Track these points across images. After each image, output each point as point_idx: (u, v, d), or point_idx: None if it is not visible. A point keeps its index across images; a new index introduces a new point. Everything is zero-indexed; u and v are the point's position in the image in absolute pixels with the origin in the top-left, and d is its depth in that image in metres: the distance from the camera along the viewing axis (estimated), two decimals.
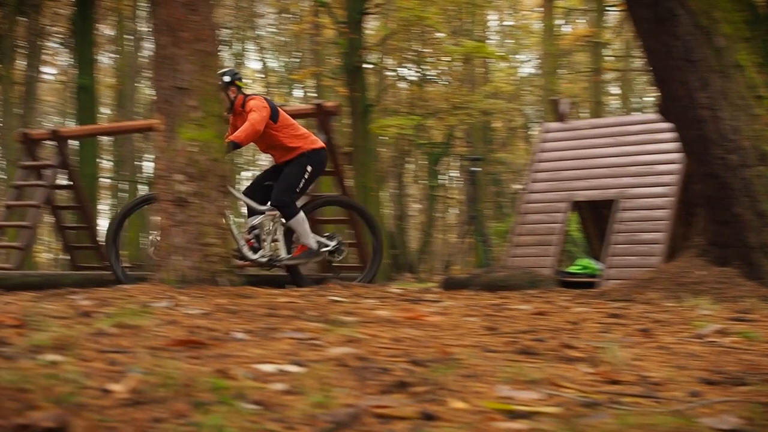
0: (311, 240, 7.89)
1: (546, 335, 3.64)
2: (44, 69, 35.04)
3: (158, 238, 7.54)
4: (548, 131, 13.62)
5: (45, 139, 14.03)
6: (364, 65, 22.65)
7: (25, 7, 25.68)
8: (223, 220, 5.93)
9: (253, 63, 38.21)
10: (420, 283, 17.78)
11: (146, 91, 37.92)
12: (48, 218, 15.03)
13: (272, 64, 38.56)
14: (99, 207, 28.01)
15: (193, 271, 5.64)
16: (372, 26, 26.07)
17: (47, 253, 40.03)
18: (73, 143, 15.82)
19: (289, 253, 7.92)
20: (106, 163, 33.23)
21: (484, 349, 3.16)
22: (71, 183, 13.81)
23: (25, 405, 1.96)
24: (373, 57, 25.81)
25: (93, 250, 14.72)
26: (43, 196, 12.86)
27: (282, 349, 2.85)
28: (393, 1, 22.74)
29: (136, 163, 34.23)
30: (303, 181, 7.87)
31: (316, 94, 32.33)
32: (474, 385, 2.42)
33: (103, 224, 25.40)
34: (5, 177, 25.87)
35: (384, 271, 18.82)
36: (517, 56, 34.44)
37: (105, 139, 30.34)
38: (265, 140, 7.93)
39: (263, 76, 37.31)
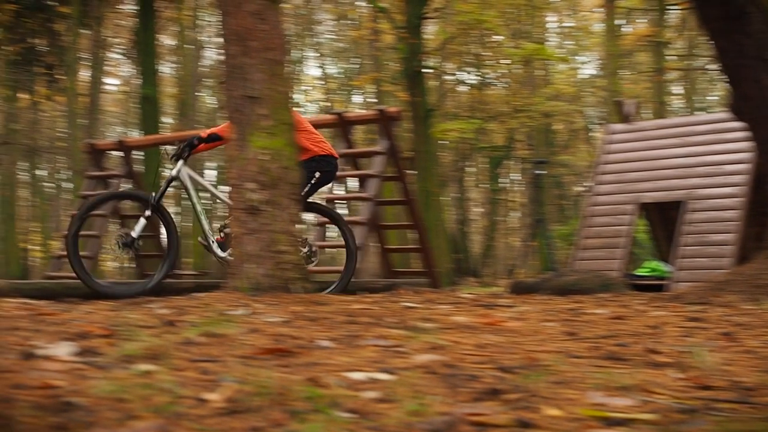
0: None
1: (628, 340, 3.60)
2: (107, 80, 35.56)
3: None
4: (613, 132, 13.52)
5: (111, 149, 14.24)
6: (424, 70, 22.62)
7: (88, 19, 26.06)
8: (294, 227, 5.93)
9: (312, 70, 38.38)
10: (484, 287, 17.75)
11: (207, 100, 38.30)
12: (114, 227, 15.23)
13: (331, 70, 38.70)
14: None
15: (267, 279, 5.65)
16: (431, 30, 26.04)
17: (113, 261, 40.51)
18: (137, 153, 15.96)
19: None
20: (168, 172, 33.58)
21: (568, 354, 3.13)
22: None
23: (125, 415, 1.98)
24: (432, 61, 25.77)
25: (159, 258, 14.87)
26: (111, 207, 13.02)
27: (368, 356, 2.85)
28: (452, 5, 22.67)
29: (197, 171, 34.52)
30: (309, 185, 7.76)
31: (375, 100, 32.39)
32: (565, 391, 2.40)
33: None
34: (72, 187, 26.24)
35: (447, 275, 18.80)
36: (577, 58, 34.19)
37: (168, 148, 30.64)
38: None
39: (323, 82, 37.44)
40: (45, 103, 31.75)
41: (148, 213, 7.55)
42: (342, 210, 28.52)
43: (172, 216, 8.07)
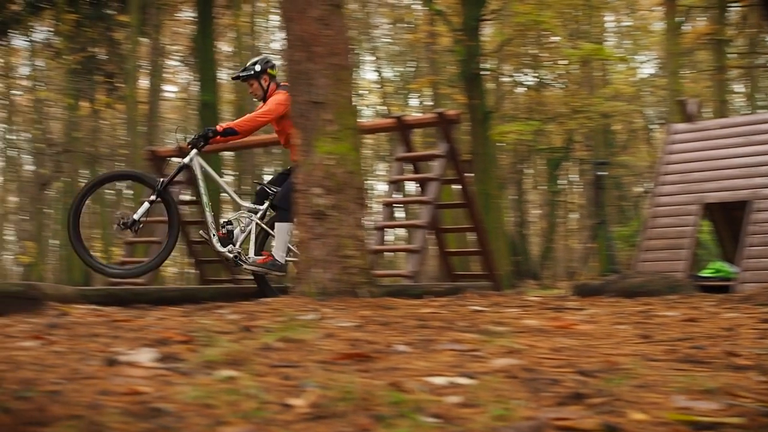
0: (283, 253, 7.61)
1: (704, 342, 3.55)
2: (166, 87, 35.92)
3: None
4: (676, 132, 13.37)
5: (171, 156, 14.34)
6: (482, 72, 22.56)
7: (147, 27, 26.35)
8: (361, 232, 5.94)
9: (369, 74, 38.43)
10: (544, 289, 17.65)
11: None
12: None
13: (387, 74, 38.73)
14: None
15: (333, 283, 5.67)
16: (488, 32, 25.96)
17: (172, 267, 40.92)
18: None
19: (247, 254, 7.71)
20: (227, 177, 33.82)
21: (646, 357, 3.09)
22: (197, 198, 14.08)
23: (214, 421, 2.00)
24: (490, 63, 25.70)
25: (220, 263, 14.97)
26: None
27: (446, 361, 2.84)
28: (509, 6, 22.59)
29: (256, 173, 34.70)
30: None
31: (432, 103, 32.36)
32: (648, 395, 2.37)
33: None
34: (132, 194, 26.54)
35: (507, 278, 18.73)
36: (635, 57, 33.89)
37: (227, 153, 30.89)
38: (286, 135, 7.78)
39: (379, 86, 37.48)
40: (105, 111, 32.13)
41: (153, 197, 7.53)
42: (399, 213, 28.55)
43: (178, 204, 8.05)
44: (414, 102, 38.95)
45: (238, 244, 7.65)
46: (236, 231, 7.70)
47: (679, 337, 3.75)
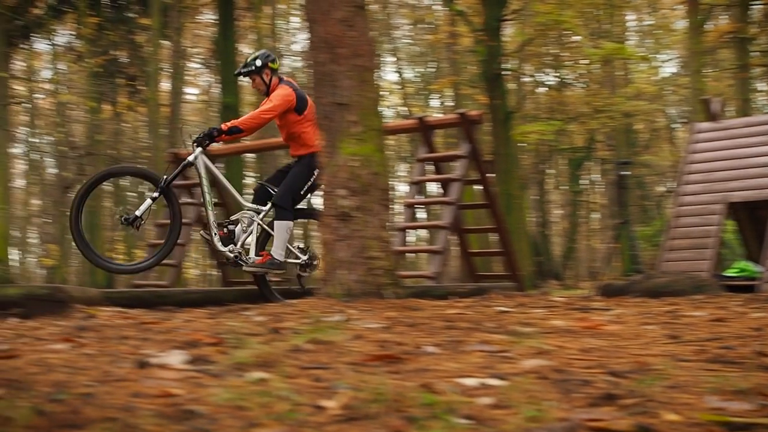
0: (282, 251, 7.55)
1: (734, 343, 3.53)
2: (187, 89, 36.02)
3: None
4: (699, 131, 13.31)
5: None
6: (504, 72, 22.51)
7: (168, 30, 26.44)
8: (386, 234, 5.93)
9: (389, 75, 38.42)
10: (567, 290, 17.60)
11: None
12: (196, 235, 15.36)
13: (408, 75, 38.71)
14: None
15: (359, 285, 5.67)
16: (508, 32, 25.90)
17: (194, 269, 41.04)
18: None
19: (248, 254, 7.66)
20: (249, 180, 33.88)
21: (676, 358, 3.08)
22: (221, 201, 14.12)
23: (247, 423, 2.00)
24: (511, 63, 25.64)
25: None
26: (195, 214, 13.17)
27: (475, 362, 2.84)
28: (530, 6, 22.52)
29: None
30: (308, 184, 7.62)
31: (453, 104, 32.33)
32: (681, 396, 2.36)
33: None
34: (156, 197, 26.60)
35: (529, 278, 18.69)
36: (657, 56, 33.73)
37: (248, 155, 30.95)
38: (287, 130, 7.74)
39: (400, 87, 37.47)
40: (127, 114, 32.27)
41: (155, 194, 7.51)
42: (421, 214, 28.53)
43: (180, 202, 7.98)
44: (435, 103, 38.94)
45: (239, 244, 7.61)
46: (237, 231, 7.65)
47: (708, 338, 3.73)
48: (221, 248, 7.55)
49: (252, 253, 7.63)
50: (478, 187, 13.24)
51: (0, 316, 5.66)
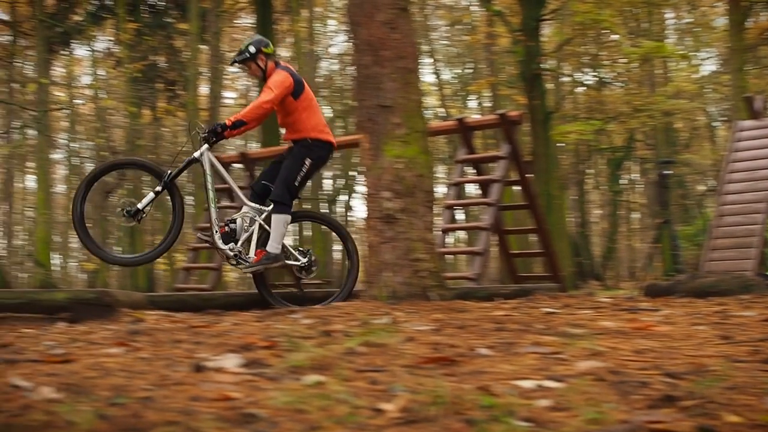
0: (278, 245, 7.40)
1: None
2: (225, 93, 36.19)
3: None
4: (741, 129, 13.17)
5: (233, 162, 14.45)
6: (543, 72, 22.41)
7: (207, 35, 26.58)
8: (431, 235, 5.92)
9: (427, 76, 38.40)
10: (607, 290, 17.49)
11: (323, 109, 38.66)
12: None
13: (446, 76, 38.68)
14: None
15: (404, 287, 5.66)
16: (546, 32, 25.79)
17: (234, 272, 41.15)
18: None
19: (246, 255, 7.49)
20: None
21: (730, 359, 3.05)
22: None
23: (308, 426, 2.00)
24: (549, 63, 25.53)
25: (285, 268, 15.05)
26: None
27: (530, 364, 2.83)
28: (568, 5, 22.41)
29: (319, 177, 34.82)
30: (301, 174, 7.39)
31: (490, 105, 32.25)
32: (740, 397, 2.34)
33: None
34: (194, 200, 26.76)
35: (569, 279, 18.60)
36: (697, 54, 33.44)
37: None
38: (283, 114, 7.55)
39: (437, 88, 37.44)
40: (166, 118, 32.45)
41: (159, 188, 7.48)
42: (459, 215, 28.48)
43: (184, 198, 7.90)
44: (472, 104, 38.87)
45: (239, 243, 7.55)
46: (239, 229, 7.59)
47: (761, 338, 3.69)
48: (221, 246, 7.45)
49: (251, 253, 7.56)
50: (516, 188, 13.19)
51: (48, 320, 5.72)
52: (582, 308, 5.38)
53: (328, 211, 37.30)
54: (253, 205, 7.54)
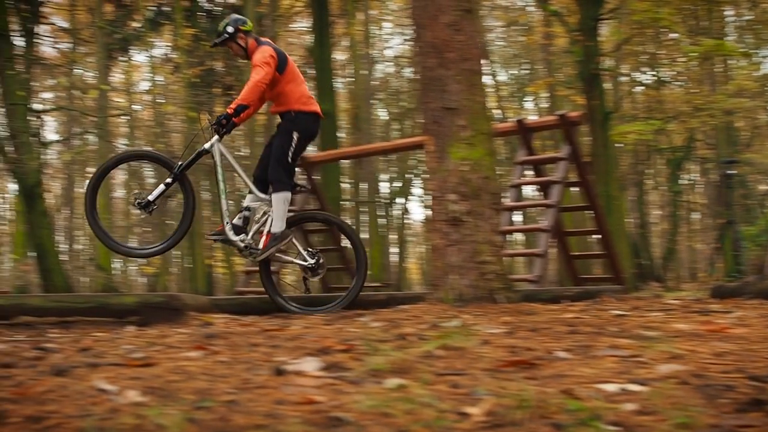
0: (281, 222, 7.41)
1: None
2: None
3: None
4: None
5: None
6: (601, 72, 22.23)
7: (262, 39, 26.73)
8: (498, 238, 5.89)
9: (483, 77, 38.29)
10: (669, 292, 17.32)
11: (380, 113, 38.73)
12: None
13: (502, 77, 38.58)
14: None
15: (470, 290, 5.64)
16: (604, 32, 25.61)
17: (290, 275, 41.26)
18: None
19: (257, 246, 7.47)
20: (345, 184, 34.07)
21: None
22: (320, 207, 14.24)
23: (395, 430, 2.00)
24: (607, 63, 25.34)
25: (343, 271, 15.10)
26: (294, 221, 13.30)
27: (610, 367, 2.80)
28: (627, 4, 22.20)
29: (374, 180, 34.85)
30: (291, 149, 7.41)
31: (547, 106, 32.09)
32: None
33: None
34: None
35: (630, 280, 18.45)
36: (758, 52, 32.96)
37: (344, 161, 31.14)
38: (269, 86, 7.49)
39: (493, 90, 37.33)
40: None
41: (169, 180, 7.48)
42: (517, 217, 28.36)
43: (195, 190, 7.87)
44: (528, 105, 38.73)
45: (250, 234, 7.54)
46: (250, 220, 7.57)
47: None
48: (233, 237, 7.44)
49: (261, 244, 7.55)
50: (574, 189, 13.09)
51: (117, 323, 5.78)
52: (651, 310, 5.32)
53: (384, 214, 37.33)
54: (263, 195, 7.54)
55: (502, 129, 13.41)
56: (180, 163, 7.46)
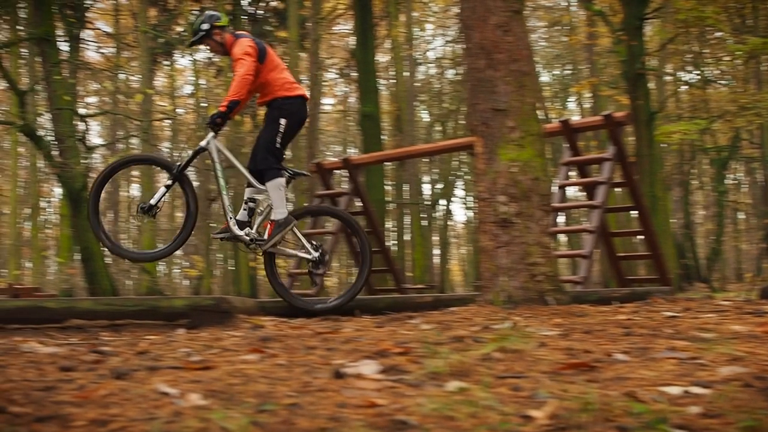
0: (282, 209, 7.37)
1: None
2: (324, 100, 36.49)
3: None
4: None
5: (336, 168, 14.53)
6: (646, 72, 22.07)
7: (306, 42, 26.84)
8: (548, 239, 5.86)
9: None
10: (715, 292, 17.17)
11: (422, 115, 38.72)
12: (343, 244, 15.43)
13: (544, 78, 38.45)
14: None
15: (520, 291, 5.62)
16: (647, 31, 25.41)
17: (333, 277, 41.44)
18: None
19: (262, 236, 7.40)
20: (388, 187, 34.09)
21: None
22: (364, 209, 14.24)
23: None
24: (652, 62, 25.16)
25: (387, 272, 15.11)
26: (338, 223, 13.29)
27: (670, 369, 2.77)
28: (671, 3, 22.03)
29: (417, 182, 34.82)
30: (279, 135, 7.37)
31: (590, 106, 31.92)
32: None
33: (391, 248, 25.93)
34: (294, 206, 27.03)
35: (675, 281, 18.31)
36: None
37: (387, 163, 31.14)
38: (254, 77, 7.42)
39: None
40: None
41: (169, 182, 7.49)
42: (559, 218, 28.24)
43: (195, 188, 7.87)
44: (571, 105, 38.56)
45: (255, 227, 7.53)
46: (255, 212, 7.57)
47: None
48: (238, 233, 7.44)
49: (266, 235, 7.54)
50: (619, 190, 13.00)
51: (167, 326, 5.82)
52: (704, 312, 5.27)
53: (427, 216, 37.30)
54: (263, 187, 7.53)
55: (547, 130, 13.35)
56: (178, 164, 7.51)
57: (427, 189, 40.28)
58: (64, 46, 25.04)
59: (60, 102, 20.30)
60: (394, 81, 32.43)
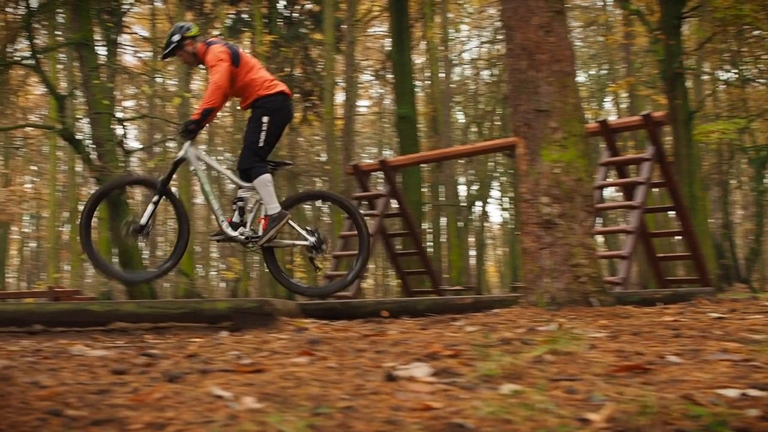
0: (274, 204, 7.42)
1: None
2: (360, 102, 36.57)
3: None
4: None
5: (373, 170, 14.54)
6: (684, 71, 21.93)
7: (342, 44, 26.89)
8: (591, 240, 5.83)
9: None
10: (756, 292, 17.02)
11: (458, 116, 38.69)
12: (380, 246, 15.45)
13: (580, 78, 38.27)
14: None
15: (564, 293, 5.59)
16: (686, 30, 25.26)
17: (369, 279, 41.47)
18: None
19: (257, 232, 7.50)
20: (423, 189, 34.09)
21: None
22: (401, 211, 14.24)
23: None
24: (689, 61, 25.00)
25: (425, 274, 15.11)
26: (375, 225, 13.31)
27: (724, 371, 2.74)
28: (709, 2, 21.88)
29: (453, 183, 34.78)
30: (263, 134, 7.43)
31: (627, 105, 31.75)
32: None
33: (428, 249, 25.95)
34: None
35: (714, 282, 18.16)
36: None
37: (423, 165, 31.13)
38: (232, 82, 7.54)
39: None
40: (302, 128, 32.92)
41: (155, 198, 7.51)
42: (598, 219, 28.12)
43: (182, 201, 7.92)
44: (607, 105, 38.39)
45: (248, 225, 7.56)
46: (246, 211, 7.60)
47: None
48: (232, 234, 7.51)
49: (260, 231, 7.57)
50: (654, 190, 12.91)
51: (210, 329, 5.84)
52: (750, 313, 5.22)
53: (463, 217, 37.24)
54: (247, 184, 7.56)
55: (586, 130, 13.29)
56: (160, 178, 7.57)
57: (463, 190, 40.26)
58: (102, 51, 25.27)
59: (98, 106, 20.47)
60: (430, 82, 32.40)
